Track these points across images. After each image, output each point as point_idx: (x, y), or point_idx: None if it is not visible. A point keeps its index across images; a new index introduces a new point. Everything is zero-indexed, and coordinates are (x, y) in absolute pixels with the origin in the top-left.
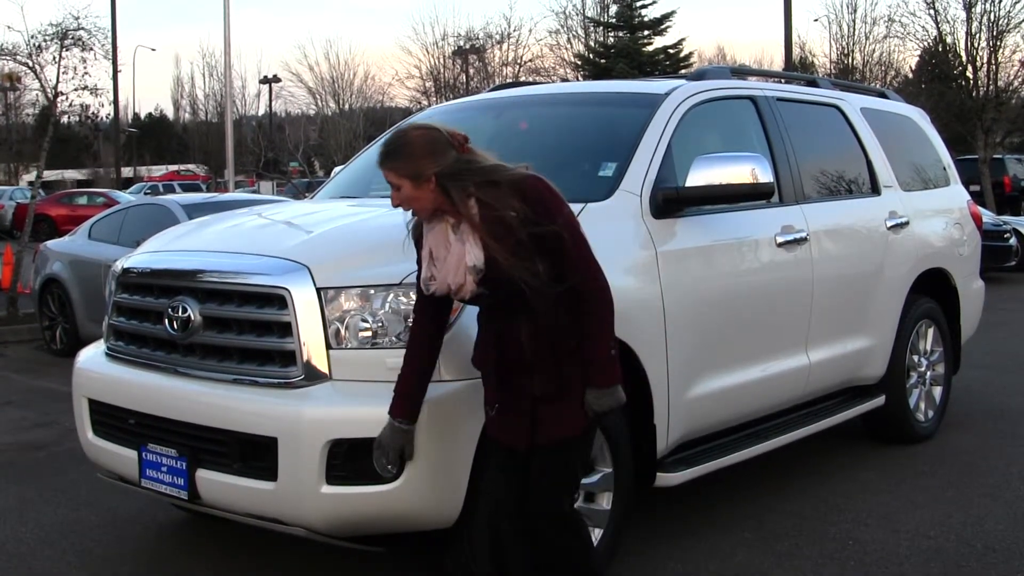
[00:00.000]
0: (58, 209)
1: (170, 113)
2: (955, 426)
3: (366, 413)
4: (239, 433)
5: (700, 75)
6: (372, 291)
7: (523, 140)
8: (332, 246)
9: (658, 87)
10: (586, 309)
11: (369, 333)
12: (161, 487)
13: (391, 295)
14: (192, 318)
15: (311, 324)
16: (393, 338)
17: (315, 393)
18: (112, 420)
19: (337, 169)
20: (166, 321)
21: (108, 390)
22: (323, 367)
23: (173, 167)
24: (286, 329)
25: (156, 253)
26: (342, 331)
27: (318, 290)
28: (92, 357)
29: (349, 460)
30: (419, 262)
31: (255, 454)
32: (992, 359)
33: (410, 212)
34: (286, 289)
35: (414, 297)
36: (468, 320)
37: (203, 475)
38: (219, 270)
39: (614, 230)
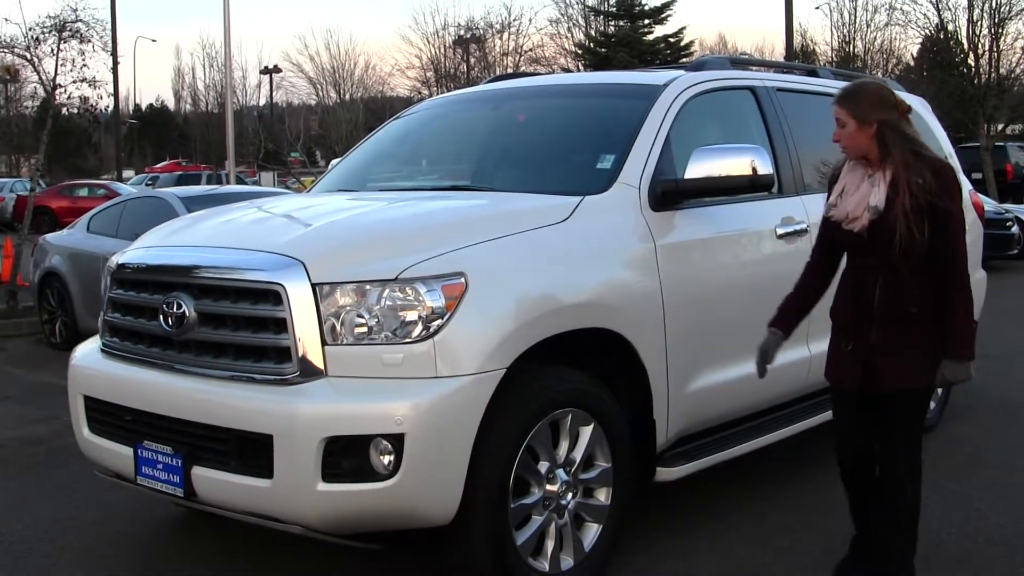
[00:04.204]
0: (59, 201)
1: (171, 104)
2: (957, 418)
3: (362, 410)
4: (234, 430)
5: (699, 65)
6: (368, 286)
7: (521, 132)
8: (328, 241)
9: (656, 78)
10: (949, 287)
11: (365, 329)
12: (157, 485)
13: (387, 290)
14: (187, 314)
15: (306, 320)
16: (389, 334)
17: (310, 390)
18: (108, 417)
19: (335, 162)
20: (161, 317)
21: (104, 387)
22: (319, 363)
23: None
24: (281, 325)
25: (151, 248)
26: (338, 327)
27: (313, 286)
28: (88, 353)
29: (345, 457)
30: (828, 196)
31: (251, 451)
32: (994, 349)
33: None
34: (281, 285)
35: (409, 293)
36: (463, 319)
37: (199, 472)
38: (214, 266)
39: (612, 223)
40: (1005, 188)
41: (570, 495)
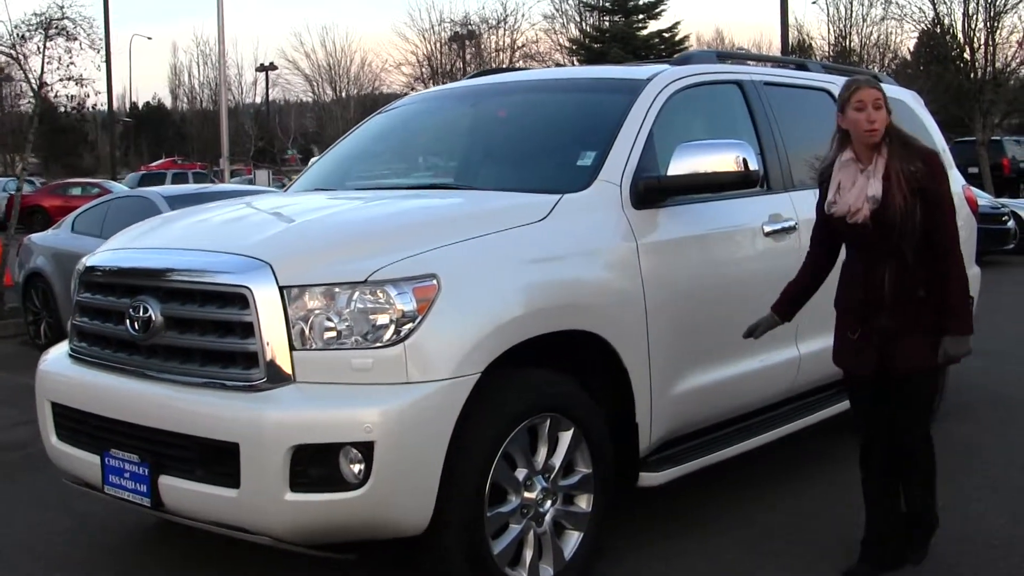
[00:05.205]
0: (51, 200)
1: (168, 102)
2: (953, 416)
3: (330, 417)
4: (200, 438)
5: (685, 60)
6: (337, 289)
7: (501, 128)
8: (296, 242)
9: (640, 72)
10: (942, 266)
11: (334, 333)
12: (124, 494)
13: (356, 293)
14: (153, 318)
15: (274, 324)
16: (359, 338)
17: (278, 396)
18: (75, 424)
19: (314, 159)
20: (127, 321)
21: (70, 393)
22: (287, 369)
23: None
24: (248, 329)
25: (118, 251)
26: (306, 331)
27: (281, 288)
28: (56, 359)
29: (314, 466)
30: (823, 194)
31: (217, 460)
32: (990, 345)
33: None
34: (247, 288)
35: (380, 296)
36: (435, 323)
37: (166, 482)
38: (180, 268)
39: (593, 221)
40: (1001, 182)
41: (549, 502)
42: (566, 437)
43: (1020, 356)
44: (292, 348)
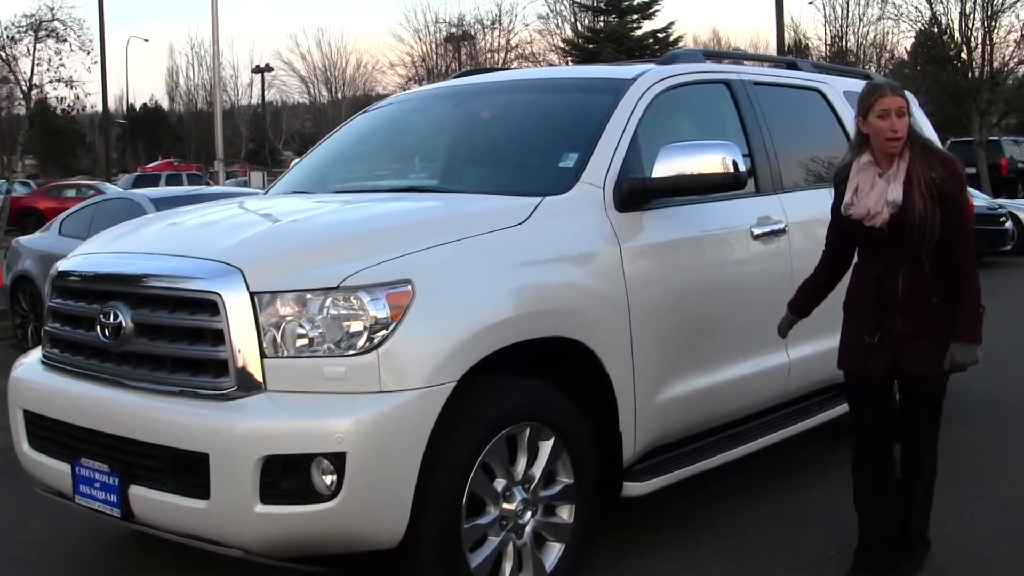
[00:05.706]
0: (46, 202)
1: (165, 104)
2: (947, 420)
3: (303, 427)
4: (170, 448)
5: (671, 59)
6: (309, 295)
7: (483, 129)
8: (269, 247)
9: (625, 72)
10: (957, 272)
11: (306, 341)
12: (94, 504)
13: (329, 299)
14: (124, 325)
15: (244, 331)
16: (331, 345)
17: (249, 405)
18: (47, 432)
19: (295, 161)
20: (98, 328)
21: (42, 401)
22: (258, 377)
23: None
24: (218, 336)
25: (90, 255)
26: (278, 338)
27: (252, 295)
28: (28, 366)
29: (284, 477)
30: (840, 196)
31: (187, 470)
32: (987, 348)
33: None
34: (217, 294)
35: (353, 302)
36: (410, 330)
37: (136, 492)
38: (151, 274)
39: (575, 225)
40: (999, 183)
41: (529, 514)
42: (547, 446)
43: (1017, 359)
44: (263, 356)
